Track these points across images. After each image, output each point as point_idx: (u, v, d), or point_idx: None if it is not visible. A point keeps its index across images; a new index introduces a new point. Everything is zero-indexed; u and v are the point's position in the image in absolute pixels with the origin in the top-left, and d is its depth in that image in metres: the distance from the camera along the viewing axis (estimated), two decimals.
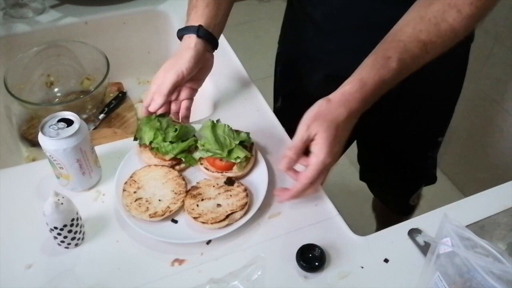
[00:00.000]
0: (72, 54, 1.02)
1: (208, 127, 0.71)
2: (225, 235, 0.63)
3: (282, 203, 0.68)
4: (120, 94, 1.08)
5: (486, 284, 0.45)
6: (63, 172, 0.66)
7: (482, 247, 0.48)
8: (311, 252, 0.61)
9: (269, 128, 0.81)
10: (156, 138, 0.71)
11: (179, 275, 0.60)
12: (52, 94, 1.04)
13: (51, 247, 0.62)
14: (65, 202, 0.58)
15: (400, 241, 0.64)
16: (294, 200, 0.66)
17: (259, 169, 0.71)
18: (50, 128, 0.63)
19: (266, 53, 2.37)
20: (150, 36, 1.12)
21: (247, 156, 0.69)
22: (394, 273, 0.61)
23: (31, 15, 1.04)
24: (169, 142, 0.71)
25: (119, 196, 0.67)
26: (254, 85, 0.90)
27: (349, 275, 0.60)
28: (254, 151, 0.72)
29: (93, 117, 1.02)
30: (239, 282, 0.55)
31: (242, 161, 0.69)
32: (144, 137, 0.71)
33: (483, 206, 0.68)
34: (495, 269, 0.45)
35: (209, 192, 0.67)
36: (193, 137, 0.73)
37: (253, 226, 0.65)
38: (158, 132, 0.71)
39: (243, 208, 0.64)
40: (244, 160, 0.69)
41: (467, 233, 0.49)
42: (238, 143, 0.70)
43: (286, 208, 0.68)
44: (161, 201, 0.66)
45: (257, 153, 0.73)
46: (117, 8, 1.07)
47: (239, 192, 0.66)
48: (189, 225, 0.64)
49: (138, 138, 0.72)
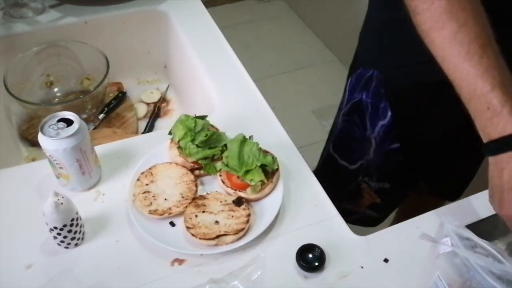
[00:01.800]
0: (72, 54, 1.02)
1: (237, 141, 0.68)
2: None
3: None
4: (120, 94, 1.08)
5: (485, 284, 0.46)
6: (63, 172, 0.66)
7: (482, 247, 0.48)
8: (311, 252, 0.61)
9: (269, 128, 0.81)
10: (185, 138, 0.70)
11: (179, 275, 0.60)
12: (52, 94, 1.04)
13: (51, 247, 0.62)
14: (65, 202, 0.58)
15: (400, 241, 0.64)
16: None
17: (274, 194, 0.68)
18: (50, 128, 0.63)
19: (266, 53, 2.39)
20: (150, 36, 1.12)
21: (263, 181, 0.66)
22: (394, 273, 0.61)
23: (30, 15, 1.04)
24: (196, 145, 0.69)
25: (132, 184, 0.67)
26: (254, 85, 0.90)
27: (349, 275, 0.60)
28: (276, 177, 0.69)
29: (93, 117, 1.02)
30: (239, 282, 0.55)
31: (257, 185, 0.66)
32: (175, 133, 0.71)
33: (483, 206, 0.68)
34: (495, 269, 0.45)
35: (214, 206, 0.65)
36: (221, 147, 0.71)
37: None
38: (189, 133, 0.70)
39: (237, 233, 0.62)
40: (260, 184, 0.66)
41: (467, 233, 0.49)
42: (259, 165, 0.66)
43: (286, 208, 0.68)
44: (167, 201, 0.66)
45: (279, 180, 0.69)
46: (117, 8, 1.07)
47: (241, 216, 0.64)
48: (184, 232, 0.63)
49: (172, 134, 0.72)
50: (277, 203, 0.66)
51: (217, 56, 0.96)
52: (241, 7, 2.66)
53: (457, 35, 0.54)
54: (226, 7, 2.60)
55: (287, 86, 2.18)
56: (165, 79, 1.17)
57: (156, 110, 1.09)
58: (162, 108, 1.10)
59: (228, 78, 0.91)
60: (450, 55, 0.55)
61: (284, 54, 2.34)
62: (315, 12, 2.44)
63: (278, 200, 0.67)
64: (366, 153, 0.94)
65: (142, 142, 0.78)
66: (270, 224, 0.65)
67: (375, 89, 0.86)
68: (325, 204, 0.69)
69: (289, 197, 0.69)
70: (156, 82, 1.17)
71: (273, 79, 2.19)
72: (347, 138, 0.97)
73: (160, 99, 1.11)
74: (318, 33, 2.45)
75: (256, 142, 0.69)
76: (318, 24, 2.44)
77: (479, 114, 0.53)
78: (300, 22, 2.53)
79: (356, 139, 0.94)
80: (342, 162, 1.01)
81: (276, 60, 2.31)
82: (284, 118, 0.85)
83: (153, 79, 1.17)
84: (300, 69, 2.28)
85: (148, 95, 1.12)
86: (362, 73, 0.87)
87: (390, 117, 0.86)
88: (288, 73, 2.25)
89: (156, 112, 1.08)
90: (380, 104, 0.86)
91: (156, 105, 1.10)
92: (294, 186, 0.71)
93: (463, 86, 0.54)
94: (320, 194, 0.70)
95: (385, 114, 0.87)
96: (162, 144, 0.74)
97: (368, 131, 0.91)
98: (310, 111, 2.04)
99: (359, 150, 0.95)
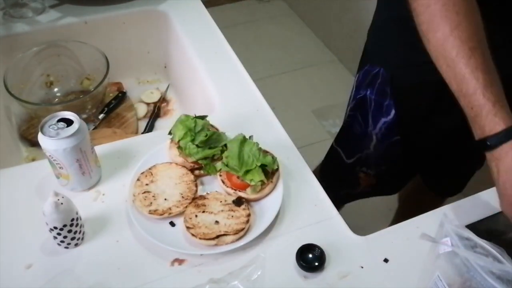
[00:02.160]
0: (71, 54, 1.02)
1: (237, 141, 0.68)
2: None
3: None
4: (120, 94, 1.08)
5: (485, 284, 0.46)
6: (62, 172, 0.66)
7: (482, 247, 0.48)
8: (311, 252, 0.61)
9: (269, 128, 0.81)
10: (185, 138, 0.70)
11: (179, 275, 0.60)
12: (51, 94, 1.04)
13: (51, 247, 0.62)
14: (65, 202, 0.58)
15: (400, 241, 0.64)
16: None
17: (274, 194, 0.68)
18: (50, 128, 0.63)
19: (266, 53, 2.39)
20: (150, 36, 1.12)
21: (263, 181, 0.66)
22: (394, 273, 0.61)
23: (30, 15, 1.04)
24: (196, 146, 0.69)
25: (132, 184, 0.67)
26: (254, 85, 0.90)
27: (349, 275, 0.60)
28: (276, 177, 0.69)
29: (92, 117, 1.02)
30: (239, 282, 0.55)
31: (257, 185, 0.66)
32: (175, 134, 0.71)
33: (483, 206, 0.68)
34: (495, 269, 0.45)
35: (213, 206, 0.65)
36: (221, 147, 0.71)
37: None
38: (189, 133, 0.70)
39: (237, 233, 0.62)
40: (260, 184, 0.66)
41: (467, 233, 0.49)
42: (259, 165, 0.66)
43: (286, 208, 0.68)
44: (166, 201, 0.66)
45: (279, 179, 0.69)
46: (117, 8, 1.07)
47: (241, 216, 0.63)
48: (184, 232, 0.63)
49: (172, 134, 0.72)
50: (277, 203, 0.66)
51: (217, 56, 0.96)
52: (241, 7, 2.66)
53: (449, 38, 0.57)
54: (226, 7, 2.60)
55: (287, 86, 2.18)
56: (165, 79, 1.17)
57: (156, 110, 1.09)
58: (162, 108, 1.10)
59: (228, 78, 0.91)
60: (442, 56, 0.58)
61: (284, 54, 2.34)
62: (315, 12, 2.44)
63: (278, 200, 0.67)
64: (366, 147, 0.96)
65: (142, 142, 0.78)
66: (270, 224, 0.65)
67: (380, 86, 0.87)
68: (325, 204, 0.69)
69: (289, 197, 0.69)
70: (156, 82, 1.17)
71: (273, 79, 2.19)
72: (350, 133, 0.99)
73: (160, 99, 1.11)
74: (318, 33, 2.45)
75: (256, 142, 0.69)
76: (318, 24, 2.44)
77: (467, 113, 0.57)
78: (300, 22, 2.53)
79: (358, 134, 0.96)
80: (342, 155, 1.03)
81: (276, 60, 2.31)
82: (284, 118, 0.85)
83: (153, 79, 1.17)
84: (300, 69, 2.28)
85: (148, 95, 1.12)
86: (369, 69, 0.88)
87: (393, 115, 0.87)
88: (288, 73, 2.25)
89: (156, 112, 1.08)
90: (384, 102, 0.88)
91: (156, 105, 1.10)
92: (294, 186, 0.71)
93: (452, 85, 0.57)
94: (320, 194, 0.70)
95: (388, 111, 0.88)
96: (162, 144, 0.74)
97: (370, 127, 0.92)
98: (310, 111, 2.04)
99: (360, 144, 0.96)
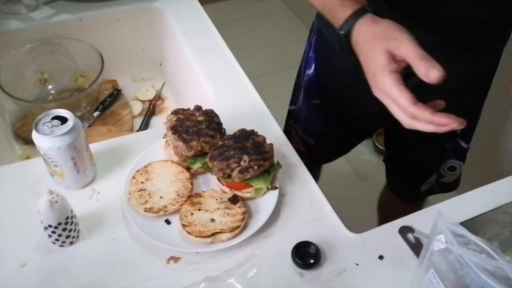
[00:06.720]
0: (66, 51, 1.01)
1: None
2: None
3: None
4: (115, 91, 1.08)
5: (479, 280, 0.46)
6: (57, 170, 0.66)
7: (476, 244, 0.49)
8: (306, 249, 0.61)
9: (265, 125, 0.81)
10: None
11: (174, 273, 0.60)
12: (46, 91, 1.04)
13: (45, 245, 0.62)
14: (60, 200, 0.58)
15: (394, 238, 0.65)
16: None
17: (269, 192, 0.68)
18: (44, 126, 0.63)
19: (262, 51, 2.38)
20: (145, 33, 1.11)
21: (268, 187, 0.67)
22: (388, 270, 0.61)
23: (24, 11, 1.03)
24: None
25: (127, 182, 0.67)
26: (250, 83, 0.90)
27: (344, 272, 0.61)
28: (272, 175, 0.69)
29: (87, 115, 1.02)
30: (235, 280, 0.55)
31: (261, 188, 0.66)
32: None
33: (476, 204, 0.69)
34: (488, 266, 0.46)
35: (209, 204, 0.65)
36: None
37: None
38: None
39: (232, 231, 0.62)
40: (265, 188, 0.67)
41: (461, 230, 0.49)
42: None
43: (281, 206, 0.68)
44: (162, 199, 0.65)
45: (275, 177, 0.69)
46: (112, 5, 1.06)
47: (237, 214, 0.63)
48: (180, 230, 0.63)
49: (166, 136, 0.71)
50: (273, 201, 0.66)
51: (212, 54, 0.96)
52: (236, 4, 2.65)
53: None
54: (221, 5, 2.59)
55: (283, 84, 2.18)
56: (160, 77, 1.17)
57: (152, 107, 1.08)
58: (157, 105, 1.10)
59: (223, 76, 0.91)
60: None
61: (280, 51, 2.34)
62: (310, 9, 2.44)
63: (273, 197, 0.67)
64: (297, 100, 1.03)
65: (137, 140, 0.78)
66: (266, 222, 0.65)
67: (310, 36, 0.97)
68: (321, 201, 0.69)
69: (285, 195, 0.70)
70: (151, 79, 1.16)
71: (269, 77, 2.19)
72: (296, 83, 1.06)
73: (155, 96, 1.11)
74: None
75: None
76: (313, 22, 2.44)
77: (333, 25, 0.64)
78: (296, 20, 2.53)
79: (295, 83, 1.05)
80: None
81: (272, 57, 2.30)
82: (279, 116, 0.85)
83: (148, 77, 1.17)
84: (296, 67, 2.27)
85: (143, 92, 1.12)
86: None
87: (313, 70, 0.94)
88: (284, 70, 2.25)
89: (152, 110, 1.08)
90: (309, 53, 0.96)
91: (151, 103, 1.09)
92: (290, 183, 0.71)
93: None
94: (316, 192, 0.71)
95: (310, 64, 0.95)
96: (158, 142, 0.74)
97: (301, 76, 1.00)
98: None
99: (295, 93, 1.05)
